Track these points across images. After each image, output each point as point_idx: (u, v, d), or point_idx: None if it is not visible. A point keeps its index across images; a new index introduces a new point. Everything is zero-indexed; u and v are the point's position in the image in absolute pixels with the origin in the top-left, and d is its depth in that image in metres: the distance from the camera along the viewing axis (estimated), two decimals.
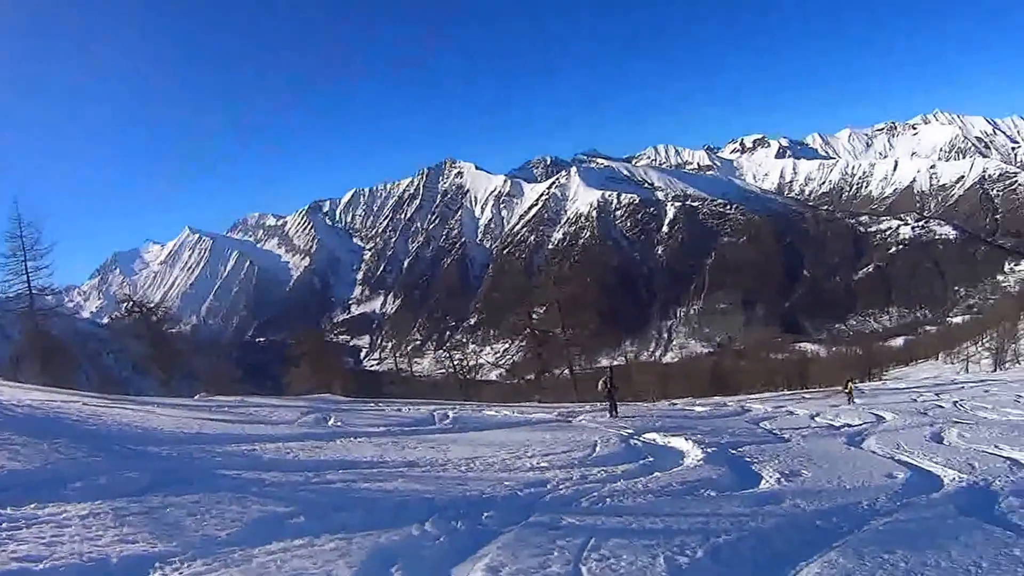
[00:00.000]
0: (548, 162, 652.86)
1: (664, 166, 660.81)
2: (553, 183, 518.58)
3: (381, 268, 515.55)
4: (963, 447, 16.19)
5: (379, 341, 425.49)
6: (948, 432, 19.04)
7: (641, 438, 17.25)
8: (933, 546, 7.42)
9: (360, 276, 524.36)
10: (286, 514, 7.71)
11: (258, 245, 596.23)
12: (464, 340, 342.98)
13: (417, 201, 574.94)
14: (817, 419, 25.09)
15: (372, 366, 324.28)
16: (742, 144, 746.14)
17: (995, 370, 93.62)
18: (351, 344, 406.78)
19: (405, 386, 58.46)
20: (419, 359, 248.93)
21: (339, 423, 17.67)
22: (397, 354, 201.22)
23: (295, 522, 7.43)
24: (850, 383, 44.07)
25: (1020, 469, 12.69)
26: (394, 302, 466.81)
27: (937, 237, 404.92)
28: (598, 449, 14.41)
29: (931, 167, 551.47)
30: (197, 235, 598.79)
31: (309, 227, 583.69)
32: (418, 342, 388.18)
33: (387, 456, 12.60)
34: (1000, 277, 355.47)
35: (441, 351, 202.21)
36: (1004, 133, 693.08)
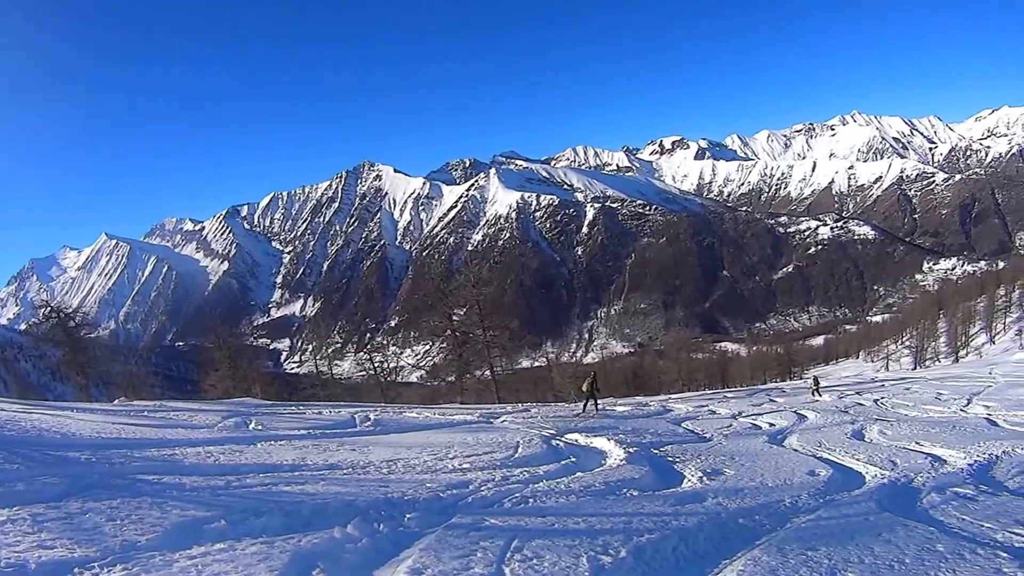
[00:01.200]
0: (467, 164, 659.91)
1: (583, 167, 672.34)
2: (472, 185, 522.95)
3: (300, 271, 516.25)
4: (885, 444, 16.47)
5: (299, 344, 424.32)
6: (869, 430, 19.38)
7: (563, 439, 17.19)
8: (856, 543, 7.49)
9: (279, 280, 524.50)
10: (206, 518, 7.49)
11: (176, 250, 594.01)
12: (385, 342, 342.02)
13: (336, 204, 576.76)
14: (739, 418, 25.28)
15: (292, 369, 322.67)
16: (661, 145, 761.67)
17: (915, 368, 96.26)
18: (271, 347, 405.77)
19: (326, 389, 57.64)
20: (339, 362, 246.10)
21: (259, 427, 17.31)
22: (317, 357, 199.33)
23: (216, 526, 7.24)
24: (816, 381, 45.35)
25: (942, 465, 12.97)
26: (314, 305, 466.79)
27: (856, 237, 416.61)
28: (520, 450, 14.32)
29: (849, 168, 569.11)
30: (114, 241, 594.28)
31: (227, 232, 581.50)
32: (338, 345, 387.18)
33: (308, 459, 12.38)
34: (919, 276, 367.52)
35: (362, 353, 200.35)
36: (922, 134, 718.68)
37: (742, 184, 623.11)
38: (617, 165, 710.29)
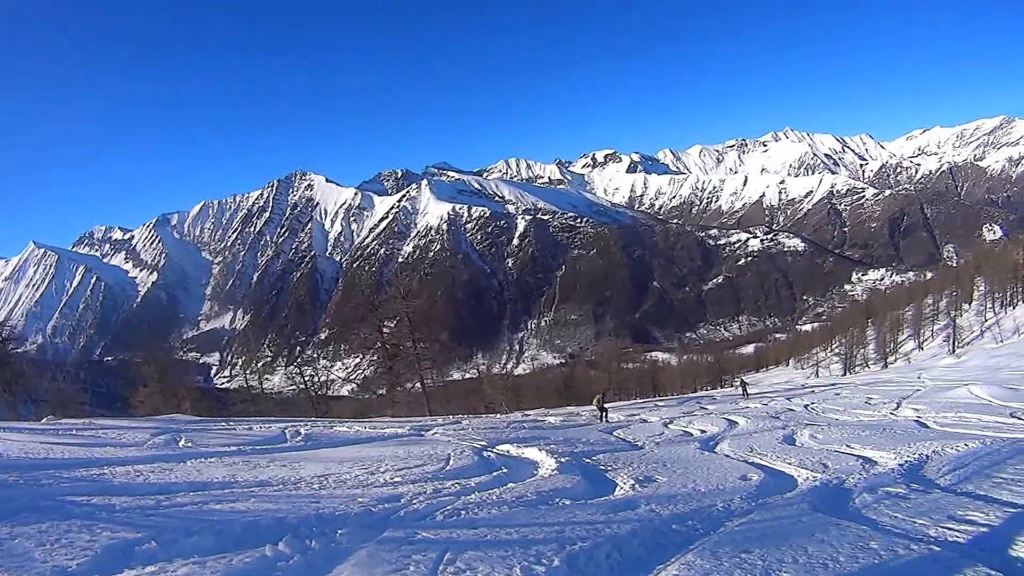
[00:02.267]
0: (399, 175, 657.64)
1: (516, 179, 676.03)
2: (404, 196, 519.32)
3: (230, 283, 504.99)
4: (815, 448, 16.70)
5: (229, 358, 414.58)
6: (800, 434, 19.65)
7: (494, 450, 17.12)
8: (789, 544, 7.52)
9: (209, 291, 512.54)
10: (137, 540, 7.26)
11: (105, 260, 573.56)
12: (315, 355, 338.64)
13: (267, 214, 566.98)
14: (670, 426, 25.48)
15: (223, 384, 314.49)
16: (594, 159, 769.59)
17: (845, 374, 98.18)
18: (201, 362, 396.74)
19: (256, 404, 56.75)
20: (270, 376, 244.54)
21: (189, 444, 16.91)
22: (247, 371, 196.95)
23: (146, 548, 7.03)
24: (744, 383, 45.91)
25: (873, 466, 13.16)
26: (243, 318, 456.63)
27: (786, 249, 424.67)
28: (451, 462, 14.18)
29: (780, 182, 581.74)
30: (43, 250, 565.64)
31: (157, 241, 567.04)
32: (269, 358, 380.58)
33: (238, 476, 12.10)
34: (848, 286, 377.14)
35: (292, 367, 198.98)
36: (853, 151, 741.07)
37: (674, 197, 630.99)
38: (549, 178, 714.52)
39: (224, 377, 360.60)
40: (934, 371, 60.70)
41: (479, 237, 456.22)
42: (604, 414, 33.03)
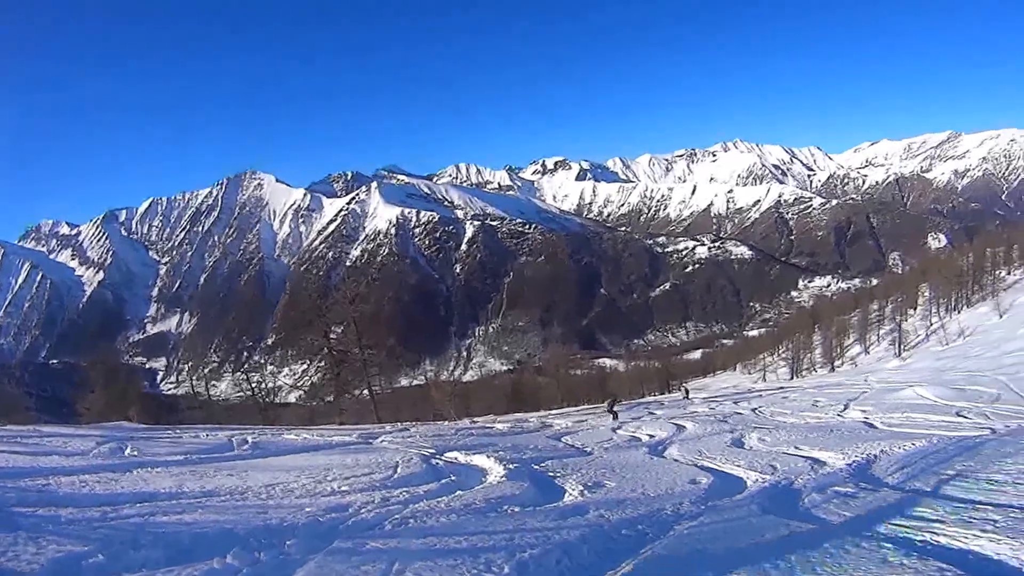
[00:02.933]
0: (349, 177, 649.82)
1: (465, 185, 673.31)
2: (353, 199, 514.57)
3: (177, 284, 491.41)
4: (764, 450, 16.82)
5: (176, 363, 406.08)
6: (749, 437, 19.78)
7: (442, 457, 16.96)
8: (739, 545, 7.52)
9: (155, 293, 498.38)
10: (84, 553, 7.05)
11: (51, 256, 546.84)
12: (262, 361, 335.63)
13: (215, 213, 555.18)
14: (619, 431, 25.51)
15: (169, 390, 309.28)
16: (544, 165, 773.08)
17: (792, 378, 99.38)
18: (147, 366, 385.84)
19: (203, 411, 56.15)
20: (217, 382, 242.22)
21: (136, 452, 16.50)
22: (194, 377, 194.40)
23: (94, 561, 6.85)
24: (686, 389, 46.54)
25: (821, 467, 13.28)
26: (190, 321, 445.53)
27: (733, 257, 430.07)
28: (399, 470, 14.02)
29: (729, 191, 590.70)
30: None
31: (104, 238, 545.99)
32: (216, 364, 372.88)
33: (185, 486, 11.80)
34: (794, 293, 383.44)
35: (239, 373, 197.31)
36: (801, 162, 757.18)
37: (622, 205, 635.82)
38: (499, 184, 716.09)
39: (171, 383, 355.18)
40: (880, 374, 61.77)
41: (427, 242, 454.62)
42: (615, 416, 34.96)
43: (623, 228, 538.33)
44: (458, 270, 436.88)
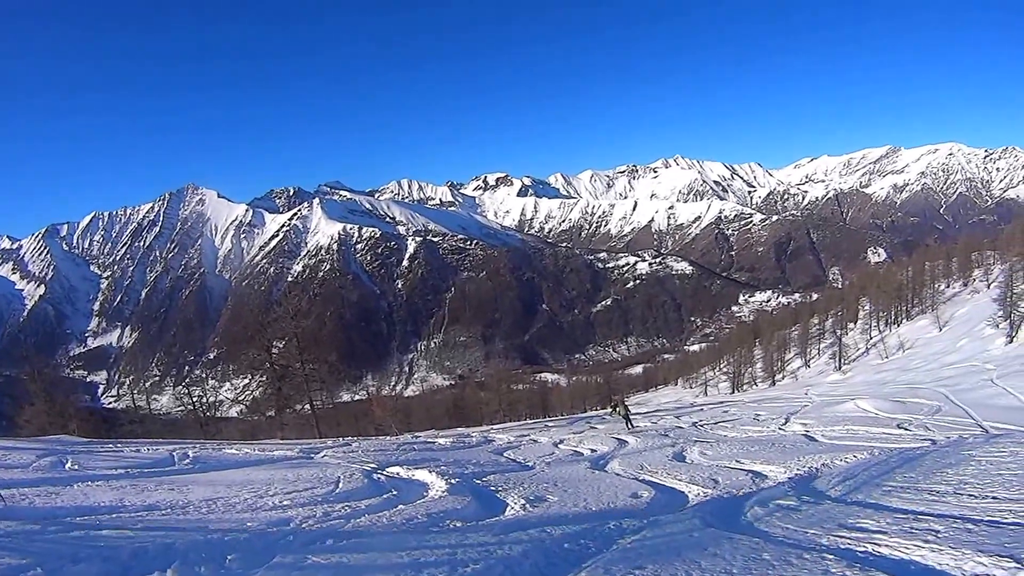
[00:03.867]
0: (291, 192, 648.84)
1: (407, 200, 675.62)
2: (295, 214, 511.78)
3: (118, 299, 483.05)
4: (706, 464, 16.93)
5: (117, 377, 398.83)
6: (690, 451, 19.94)
7: (384, 472, 16.89)
8: (682, 559, 7.47)
9: (97, 307, 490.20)
10: (22, 566, 6.88)
11: None
12: (203, 376, 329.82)
13: (157, 228, 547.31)
14: (561, 446, 25.60)
15: (110, 403, 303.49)
16: (485, 181, 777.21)
17: (733, 392, 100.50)
18: (88, 380, 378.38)
19: (144, 425, 55.29)
20: (158, 396, 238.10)
21: (76, 466, 16.19)
22: (135, 391, 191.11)
23: (31, 575, 6.68)
24: (622, 404, 46.88)
25: (763, 480, 13.41)
26: (131, 335, 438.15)
27: (674, 272, 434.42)
28: (341, 485, 13.98)
29: (670, 207, 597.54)
30: None
31: (45, 252, 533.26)
32: (157, 378, 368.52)
33: (126, 500, 11.70)
34: (735, 308, 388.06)
35: (180, 387, 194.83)
36: (742, 178, 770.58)
37: (564, 221, 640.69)
38: (440, 199, 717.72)
39: (112, 396, 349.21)
40: (821, 387, 62.67)
41: (369, 258, 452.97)
42: (628, 421, 36.69)
43: (564, 244, 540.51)
44: (400, 286, 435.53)
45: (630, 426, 35.68)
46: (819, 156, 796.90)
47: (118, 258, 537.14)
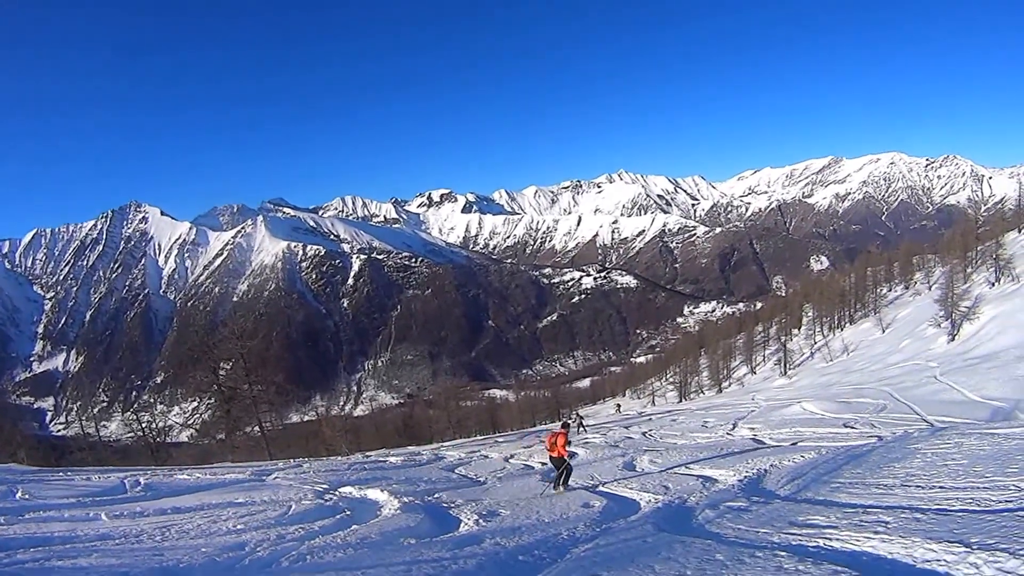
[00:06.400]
0: (235, 209, 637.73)
1: (352, 218, 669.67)
2: (239, 232, 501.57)
3: (63, 321, 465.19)
4: (656, 471, 17.05)
5: (64, 403, 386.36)
6: (640, 460, 20.04)
7: (337, 492, 16.84)
8: (636, 564, 7.55)
9: (41, 329, 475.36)
10: None
11: None
12: (152, 400, 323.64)
13: (100, 247, 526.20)
14: (512, 460, 25.68)
15: (59, 431, 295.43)
16: (429, 198, 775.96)
17: (680, 401, 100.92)
18: (35, 406, 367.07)
19: (94, 452, 54.17)
20: (107, 422, 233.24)
21: (27, 495, 15.87)
22: (83, 417, 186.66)
23: None
24: (566, 425, 47.30)
25: (713, 484, 13.51)
26: (77, 359, 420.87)
27: (618, 286, 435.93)
28: (294, 507, 13.90)
29: (614, 222, 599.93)
30: None
31: None
32: (104, 403, 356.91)
33: (79, 530, 11.52)
34: (680, 319, 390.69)
35: (129, 413, 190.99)
36: (685, 191, 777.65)
37: (508, 237, 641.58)
38: (385, 216, 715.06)
39: (60, 423, 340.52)
40: (767, 392, 63.32)
41: (314, 276, 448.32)
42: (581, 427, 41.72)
43: (509, 260, 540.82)
44: (346, 304, 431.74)
45: (583, 430, 39.38)
46: (762, 168, 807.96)
47: (61, 278, 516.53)
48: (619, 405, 68.03)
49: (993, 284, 68.43)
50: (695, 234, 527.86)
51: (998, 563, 5.89)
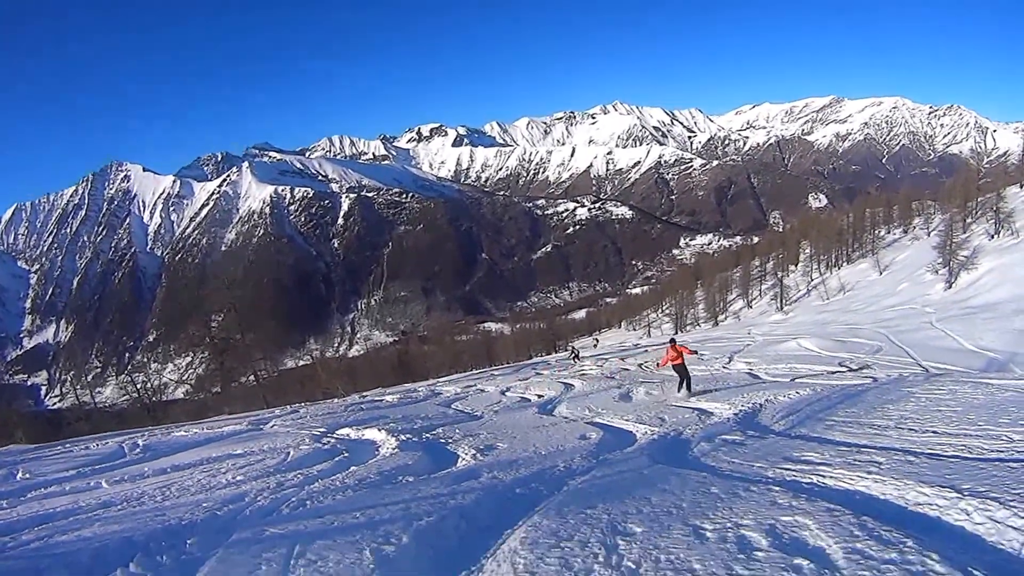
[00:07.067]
0: (219, 158, 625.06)
1: (340, 157, 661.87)
2: (224, 180, 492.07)
3: (50, 292, 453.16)
4: (652, 403, 17.30)
5: (57, 375, 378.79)
6: (636, 391, 20.27)
7: (334, 435, 17.06)
8: (633, 496, 7.69)
9: (29, 304, 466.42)
10: None
11: None
12: (145, 360, 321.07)
13: (83, 212, 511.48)
14: (508, 393, 25.95)
15: (54, 404, 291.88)
16: (419, 133, 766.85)
17: (676, 333, 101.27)
18: (29, 383, 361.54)
19: (91, 421, 54.01)
20: (101, 388, 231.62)
21: (28, 475, 15.81)
22: (77, 387, 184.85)
23: None
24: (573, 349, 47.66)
25: (709, 417, 13.68)
26: (67, 329, 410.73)
27: (613, 217, 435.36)
28: (292, 453, 14.05)
29: (608, 153, 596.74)
30: None
31: None
32: (98, 369, 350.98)
33: (81, 501, 11.47)
34: (676, 251, 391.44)
35: (123, 376, 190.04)
36: (682, 124, 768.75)
37: (500, 169, 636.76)
38: (374, 154, 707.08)
39: (55, 396, 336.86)
40: (763, 327, 63.44)
41: (303, 219, 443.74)
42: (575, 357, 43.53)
43: (502, 192, 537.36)
44: (336, 245, 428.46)
45: (576, 361, 41.68)
46: (761, 103, 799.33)
47: (45, 249, 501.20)
48: (596, 340, 68.34)
49: (992, 236, 68.34)
50: (692, 166, 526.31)
51: (988, 511, 6.00)
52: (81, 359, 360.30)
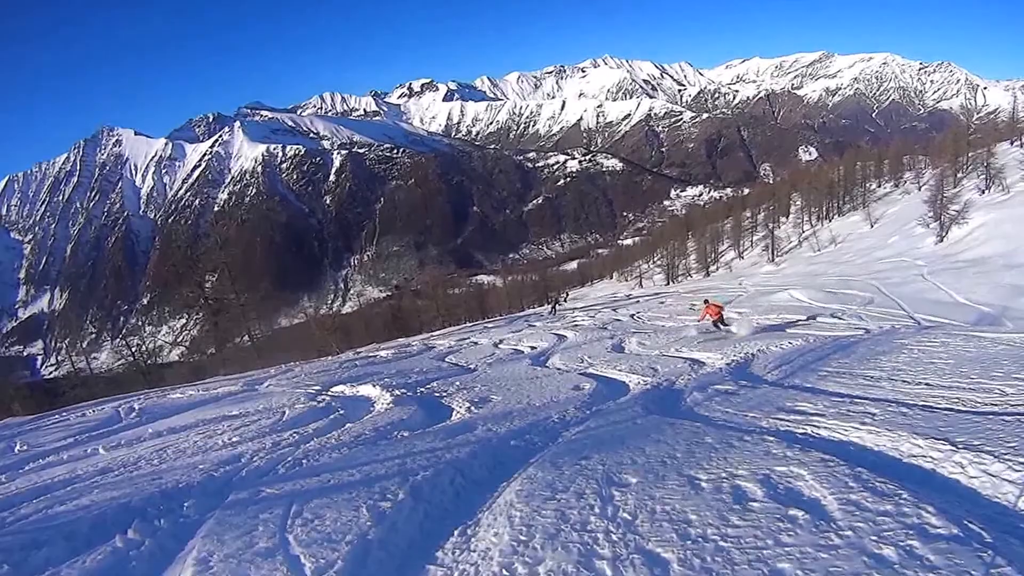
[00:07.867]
0: (211, 119, 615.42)
1: (331, 114, 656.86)
2: (216, 141, 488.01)
3: (43, 261, 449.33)
4: (644, 354, 17.23)
5: (53, 344, 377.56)
6: (628, 342, 20.29)
7: (329, 393, 17.05)
8: (627, 446, 7.74)
9: (23, 275, 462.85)
10: None
11: None
12: (140, 323, 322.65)
13: (75, 179, 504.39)
14: (501, 346, 25.92)
15: (51, 373, 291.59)
16: (410, 88, 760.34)
17: (668, 283, 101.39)
18: (25, 354, 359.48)
19: (87, 387, 53.78)
20: (97, 354, 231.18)
21: (26, 446, 15.74)
22: (73, 354, 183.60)
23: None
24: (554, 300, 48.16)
25: (701, 367, 13.70)
26: (61, 296, 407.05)
27: (604, 169, 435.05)
28: (287, 413, 14.08)
29: (598, 106, 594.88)
30: None
31: None
32: (93, 335, 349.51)
33: (79, 469, 11.42)
34: (667, 203, 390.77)
35: (118, 340, 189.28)
36: (672, 77, 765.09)
37: (491, 123, 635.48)
38: (365, 110, 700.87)
39: (51, 365, 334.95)
40: (755, 278, 63.55)
41: (295, 176, 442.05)
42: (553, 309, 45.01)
43: (493, 146, 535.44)
44: (328, 202, 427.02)
45: (555, 309, 44.50)
46: (751, 58, 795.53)
47: (38, 218, 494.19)
48: (567, 293, 68.74)
49: (983, 192, 68.38)
50: (682, 119, 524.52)
51: (983, 465, 6.02)
52: (76, 326, 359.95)
